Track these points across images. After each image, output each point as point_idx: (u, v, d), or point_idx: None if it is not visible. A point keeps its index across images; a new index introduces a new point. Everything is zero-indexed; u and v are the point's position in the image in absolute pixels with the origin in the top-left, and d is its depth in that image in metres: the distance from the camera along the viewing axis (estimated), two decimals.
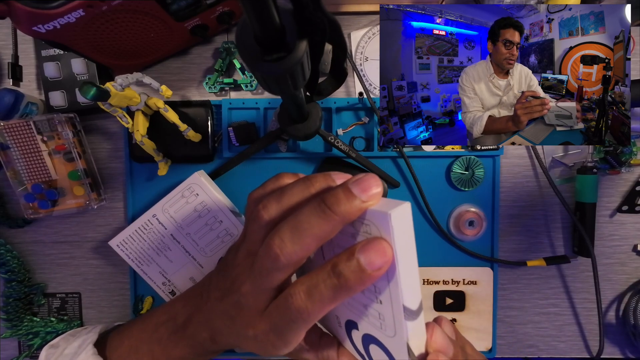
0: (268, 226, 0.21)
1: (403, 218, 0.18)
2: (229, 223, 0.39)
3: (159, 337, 0.28)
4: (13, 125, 0.38)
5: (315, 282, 0.19)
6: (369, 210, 0.18)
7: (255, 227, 0.22)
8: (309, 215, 0.19)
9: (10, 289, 0.42)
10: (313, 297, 0.19)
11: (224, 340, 0.25)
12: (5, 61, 0.42)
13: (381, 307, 0.19)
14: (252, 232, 0.22)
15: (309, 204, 0.19)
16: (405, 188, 0.43)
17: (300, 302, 0.19)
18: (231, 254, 0.26)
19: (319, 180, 0.21)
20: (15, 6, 0.26)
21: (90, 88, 0.29)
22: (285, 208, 0.21)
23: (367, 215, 0.18)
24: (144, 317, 0.31)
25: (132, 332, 0.30)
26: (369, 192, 0.18)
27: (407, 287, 0.18)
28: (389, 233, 0.17)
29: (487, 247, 0.44)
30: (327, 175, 0.21)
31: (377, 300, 0.19)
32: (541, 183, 0.44)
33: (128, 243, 0.40)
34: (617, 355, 0.45)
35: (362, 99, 0.41)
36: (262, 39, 0.18)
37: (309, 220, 0.19)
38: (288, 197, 0.21)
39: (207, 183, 0.39)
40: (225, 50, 0.42)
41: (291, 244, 0.19)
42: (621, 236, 0.44)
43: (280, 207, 0.21)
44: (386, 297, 0.19)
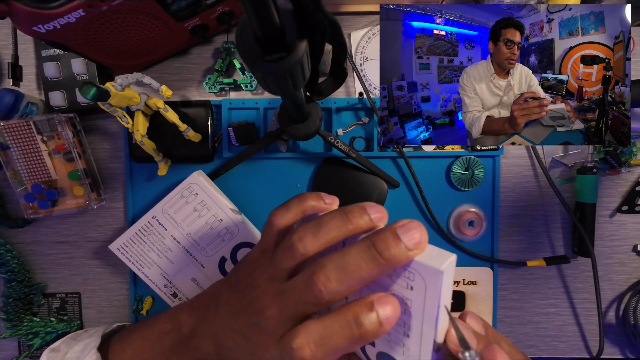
0: (302, 259, 0.21)
1: (450, 272, 0.18)
2: (229, 221, 0.39)
3: (162, 348, 0.28)
4: (13, 125, 0.38)
5: (330, 332, 0.18)
6: (415, 259, 0.18)
7: (286, 256, 0.22)
8: (358, 258, 0.19)
9: (10, 289, 0.42)
10: (325, 347, 0.18)
11: (232, 356, 0.25)
12: (5, 61, 0.42)
13: (407, 340, 0.20)
14: (281, 260, 0.22)
15: (357, 246, 0.19)
16: (405, 188, 0.43)
17: (308, 354, 0.18)
18: (246, 271, 0.26)
19: (355, 216, 0.21)
20: (15, 6, 0.26)
21: (90, 88, 0.29)
22: (322, 243, 0.21)
23: (412, 264, 0.19)
24: (147, 323, 0.31)
25: (135, 340, 0.30)
26: (417, 243, 0.18)
27: (441, 329, 0.19)
28: (437, 288, 0.18)
29: (487, 247, 0.44)
30: (363, 209, 0.21)
31: (404, 334, 0.19)
32: (541, 183, 0.44)
33: (128, 246, 0.40)
34: (617, 355, 0.45)
35: (362, 99, 0.41)
36: (262, 39, 0.18)
37: (358, 263, 0.19)
38: (326, 231, 0.21)
39: (206, 182, 0.39)
40: (225, 50, 0.42)
41: (337, 284, 0.19)
42: (621, 236, 0.44)
43: (317, 241, 0.21)
44: (416, 334, 0.19)
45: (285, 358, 0.20)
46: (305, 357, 0.19)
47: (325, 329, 0.19)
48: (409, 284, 0.19)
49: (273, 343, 0.21)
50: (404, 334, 0.20)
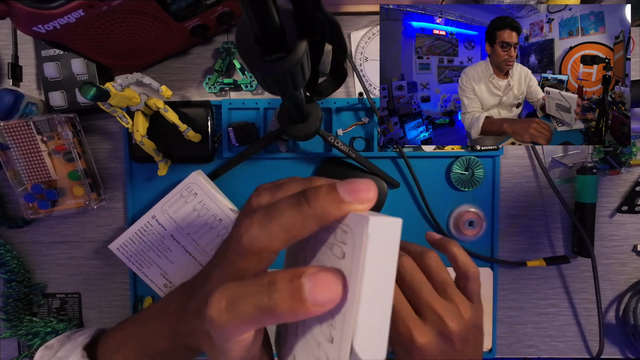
0: None
1: (386, 232, 0.14)
2: (228, 221, 0.39)
3: (146, 329, 0.28)
4: (13, 125, 0.38)
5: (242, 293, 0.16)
6: (352, 214, 0.15)
7: (241, 214, 0.22)
8: (284, 203, 0.16)
9: (10, 289, 0.42)
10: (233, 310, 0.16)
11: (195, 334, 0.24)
12: (5, 61, 0.42)
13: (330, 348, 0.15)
14: (237, 218, 0.22)
15: (290, 195, 0.17)
16: (405, 188, 0.43)
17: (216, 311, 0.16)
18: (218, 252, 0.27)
19: (320, 180, 0.20)
20: (15, 6, 0.26)
21: (90, 88, 0.29)
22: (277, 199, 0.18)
23: (348, 219, 0.15)
24: (140, 312, 0.31)
25: (126, 327, 0.30)
26: (356, 194, 0.15)
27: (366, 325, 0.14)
28: (360, 244, 0.14)
29: (487, 247, 0.44)
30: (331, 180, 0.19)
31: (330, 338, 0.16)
32: (541, 183, 0.44)
33: (128, 246, 0.40)
34: (617, 355, 0.45)
35: (362, 99, 0.41)
36: (262, 39, 0.18)
37: (282, 208, 0.16)
38: (283, 190, 0.20)
39: (205, 182, 0.39)
40: (225, 51, 0.42)
41: (258, 228, 0.16)
42: (621, 236, 0.44)
43: (272, 197, 0.20)
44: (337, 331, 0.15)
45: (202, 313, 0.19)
46: (213, 315, 0.16)
47: (241, 289, 0.16)
48: (342, 250, 0.16)
49: None
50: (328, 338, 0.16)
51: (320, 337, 0.16)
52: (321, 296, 0.14)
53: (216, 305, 0.16)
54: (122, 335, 0.30)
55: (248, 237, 0.17)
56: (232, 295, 0.16)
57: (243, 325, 0.16)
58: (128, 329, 0.30)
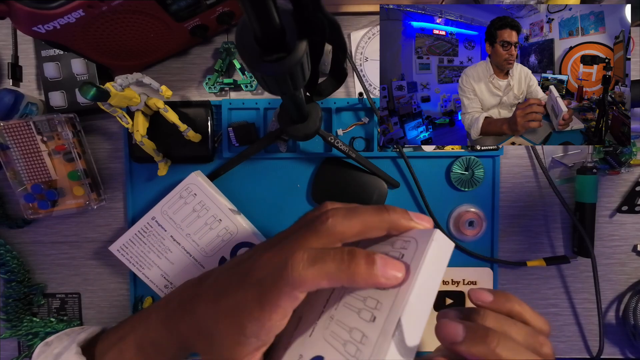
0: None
1: (444, 245, 0.19)
2: (228, 221, 0.39)
3: (146, 323, 0.28)
4: (13, 125, 0.38)
5: (324, 254, 0.20)
6: (415, 230, 0.21)
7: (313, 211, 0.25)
8: (368, 208, 0.22)
9: (10, 289, 0.42)
10: (315, 264, 0.19)
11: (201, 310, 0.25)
12: (5, 61, 0.42)
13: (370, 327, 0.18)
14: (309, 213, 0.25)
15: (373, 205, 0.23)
16: (405, 188, 0.43)
17: (298, 263, 0.19)
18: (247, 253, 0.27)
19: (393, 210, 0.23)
20: (15, 6, 0.26)
21: (90, 88, 0.29)
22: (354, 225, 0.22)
23: (411, 232, 0.21)
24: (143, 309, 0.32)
25: (126, 322, 0.30)
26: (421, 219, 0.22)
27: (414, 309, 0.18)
28: (425, 247, 0.19)
29: (487, 247, 0.44)
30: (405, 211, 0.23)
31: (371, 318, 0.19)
32: (541, 183, 0.44)
33: (128, 247, 0.40)
34: (617, 355, 0.45)
35: (362, 99, 0.41)
36: (262, 39, 0.18)
37: (365, 210, 0.22)
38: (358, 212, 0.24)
39: (205, 183, 0.39)
40: (225, 51, 0.42)
41: (342, 217, 0.21)
42: (621, 236, 0.44)
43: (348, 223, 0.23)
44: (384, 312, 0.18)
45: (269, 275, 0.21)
46: (295, 267, 0.19)
47: (323, 251, 0.20)
48: (401, 253, 0.20)
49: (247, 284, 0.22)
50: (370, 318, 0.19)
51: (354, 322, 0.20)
52: (390, 272, 0.19)
53: (299, 258, 0.20)
54: (121, 331, 0.30)
55: (333, 221, 0.21)
56: (315, 254, 0.20)
57: (320, 279, 0.19)
58: (128, 324, 0.30)
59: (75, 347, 0.29)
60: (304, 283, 0.19)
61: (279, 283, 0.20)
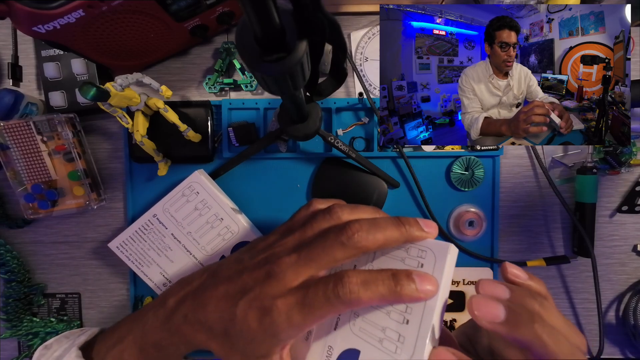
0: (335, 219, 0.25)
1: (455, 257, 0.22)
2: (229, 220, 0.39)
3: (144, 323, 0.28)
4: (13, 125, 0.38)
5: (374, 279, 0.21)
6: (429, 240, 0.23)
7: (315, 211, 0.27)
8: (388, 222, 0.23)
9: (10, 289, 0.42)
10: (368, 288, 0.21)
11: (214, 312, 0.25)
12: (5, 61, 0.42)
13: (405, 328, 0.21)
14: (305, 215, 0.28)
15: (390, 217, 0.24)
16: (405, 188, 0.43)
17: (354, 287, 0.21)
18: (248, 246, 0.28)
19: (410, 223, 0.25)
20: (15, 6, 0.26)
21: (90, 88, 0.29)
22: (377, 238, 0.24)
23: (426, 242, 0.23)
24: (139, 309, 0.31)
25: (124, 323, 0.30)
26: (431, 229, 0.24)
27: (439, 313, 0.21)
28: (443, 260, 0.22)
29: (487, 247, 0.44)
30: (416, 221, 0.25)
31: (404, 321, 0.22)
32: (541, 183, 0.44)
33: (128, 244, 0.40)
34: (617, 355, 0.45)
35: (362, 99, 0.41)
36: (262, 39, 0.18)
37: (386, 225, 0.23)
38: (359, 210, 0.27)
39: (207, 181, 0.39)
40: (225, 51, 0.42)
41: (366, 232, 0.22)
42: (621, 236, 0.44)
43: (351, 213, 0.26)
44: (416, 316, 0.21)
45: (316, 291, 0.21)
46: (352, 290, 0.21)
47: (370, 274, 0.22)
48: (420, 262, 0.23)
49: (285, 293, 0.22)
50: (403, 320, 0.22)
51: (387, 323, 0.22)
52: (426, 287, 0.21)
53: (354, 281, 0.21)
54: (119, 332, 0.30)
55: (359, 236, 0.22)
56: (365, 278, 0.21)
57: (372, 301, 0.21)
58: (126, 324, 0.30)
59: (76, 351, 0.29)
60: (358, 304, 0.21)
61: (333, 301, 0.21)
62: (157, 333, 0.27)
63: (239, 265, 0.27)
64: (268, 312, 0.22)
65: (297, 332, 0.22)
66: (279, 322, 0.22)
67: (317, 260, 0.23)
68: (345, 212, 0.25)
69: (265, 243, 0.28)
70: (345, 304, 0.21)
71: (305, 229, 0.26)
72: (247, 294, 0.23)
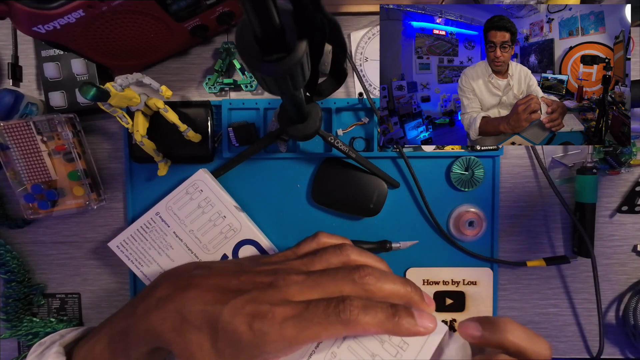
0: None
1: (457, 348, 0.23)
2: (232, 218, 0.39)
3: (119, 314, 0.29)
4: (13, 125, 0.38)
5: (374, 305, 0.22)
6: None
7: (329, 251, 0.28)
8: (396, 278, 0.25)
9: (9, 290, 0.42)
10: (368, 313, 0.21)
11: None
12: (5, 61, 0.42)
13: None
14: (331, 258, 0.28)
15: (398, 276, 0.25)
16: (405, 188, 0.43)
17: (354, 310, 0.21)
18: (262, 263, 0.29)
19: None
20: (15, 6, 0.26)
21: (90, 88, 0.29)
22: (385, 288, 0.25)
23: None
24: None
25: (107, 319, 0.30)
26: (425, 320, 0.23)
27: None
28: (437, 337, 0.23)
29: (487, 247, 0.44)
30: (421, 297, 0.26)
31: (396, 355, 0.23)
32: (541, 183, 0.44)
33: (129, 244, 0.40)
34: (617, 355, 0.45)
35: (362, 99, 0.41)
36: (262, 39, 0.18)
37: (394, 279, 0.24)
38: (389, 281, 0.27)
39: (211, 180, 0.39)
40: (225, 51, 0.42)
41: (375, 279, 0.24)
42: (621, 236, 0.44)
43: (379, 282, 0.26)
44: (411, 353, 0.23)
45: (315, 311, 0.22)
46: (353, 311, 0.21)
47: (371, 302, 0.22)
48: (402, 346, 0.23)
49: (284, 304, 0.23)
50: None
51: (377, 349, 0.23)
52: (426, 323, 0.22)
53: (356, 304, 0.22)
54: (99, 326, 0.30)
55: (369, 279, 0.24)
56: (366, 304, 0.22)
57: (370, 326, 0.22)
58: (107, 319, 0.30)
59: (57, 347, 0.29)
60: (355, 327, 0.21)
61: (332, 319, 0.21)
62: (125, 319, 0.27)
63: (236, 267, 0.27)
64: (262, 317, 0.21)
65: (286, 347, 0.21)
66: (270, 331, 0.21)
67: (324, 287, 0.23)
68: (355, 253, 0.27)
69: (269, 260, 0.28)
70: (343, 325, 0.21)
71: (314, 258, 0.26)
72: (242, 295, 0.23)
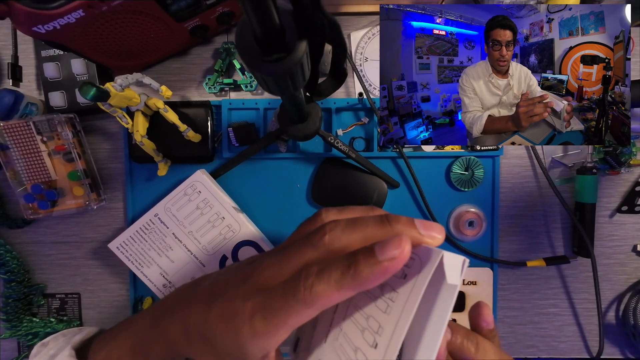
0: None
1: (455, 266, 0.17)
2: (231, 219, 0.39)
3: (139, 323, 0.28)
4: (13, 125, 0.38)
5: (328, 266, 0.18)
6: (423, 246, 0.18)
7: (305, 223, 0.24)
8: (369, 219, 0.20)
9: (9, 290, 0.42)
10: (321, 279, 0.18)
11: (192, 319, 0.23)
12: (5, 61, 0.42)
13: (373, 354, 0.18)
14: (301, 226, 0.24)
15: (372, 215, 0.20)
16: (405, 188, 0.43)
17: (309, 281, 0.18)
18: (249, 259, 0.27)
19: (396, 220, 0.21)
20: (15, 6, 0.26)
21: (90, 88, 0.29)
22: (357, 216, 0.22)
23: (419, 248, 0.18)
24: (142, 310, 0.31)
25: (122, 322, 0.30)
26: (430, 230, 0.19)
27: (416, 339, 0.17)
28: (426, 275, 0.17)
29: (487, 247, 0.44)
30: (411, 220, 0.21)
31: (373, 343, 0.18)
32: (541, 183, 0.44)
33: (128, 245, 0.40)
34: (617, 355, 0.45)
35: (362, 99, 0.41)
36: (262, 39, 0.18)
37: (367, 222, 0.20)
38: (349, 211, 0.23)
39: (209, 181, 0.39)
40: (225, 51, 0.42)
41: (341, 231, 0.20)
42: (621, 236, 0.44)
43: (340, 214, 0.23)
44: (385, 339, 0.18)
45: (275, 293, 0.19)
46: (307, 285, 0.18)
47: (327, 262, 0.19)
48: (404, 272, 0.18)
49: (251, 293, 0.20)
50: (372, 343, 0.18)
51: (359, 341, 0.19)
52: (390, 252, 0.17)
53: (311, 273, 0.18)
54: (115, 331, 0.29)
55: (330, 237, 0.19)
56: (320, 267, 0.18)
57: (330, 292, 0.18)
58: (123, 324, 0.30)
59: (69, 350, 0.29)
60: (316, 300, 0.18)
61: (290, 301, 0.19)
62: (146, 330, 0.27)
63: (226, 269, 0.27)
64: (233, 316, 0.20)
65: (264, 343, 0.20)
66: (242, 330, 0.19)
67: (292, 263, 0.20)
68: (331, 214, 0.23)
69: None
70: (301, 303, 0.18)
71: (292, 235, 0.24)
72: (223, 296, 0.22)
